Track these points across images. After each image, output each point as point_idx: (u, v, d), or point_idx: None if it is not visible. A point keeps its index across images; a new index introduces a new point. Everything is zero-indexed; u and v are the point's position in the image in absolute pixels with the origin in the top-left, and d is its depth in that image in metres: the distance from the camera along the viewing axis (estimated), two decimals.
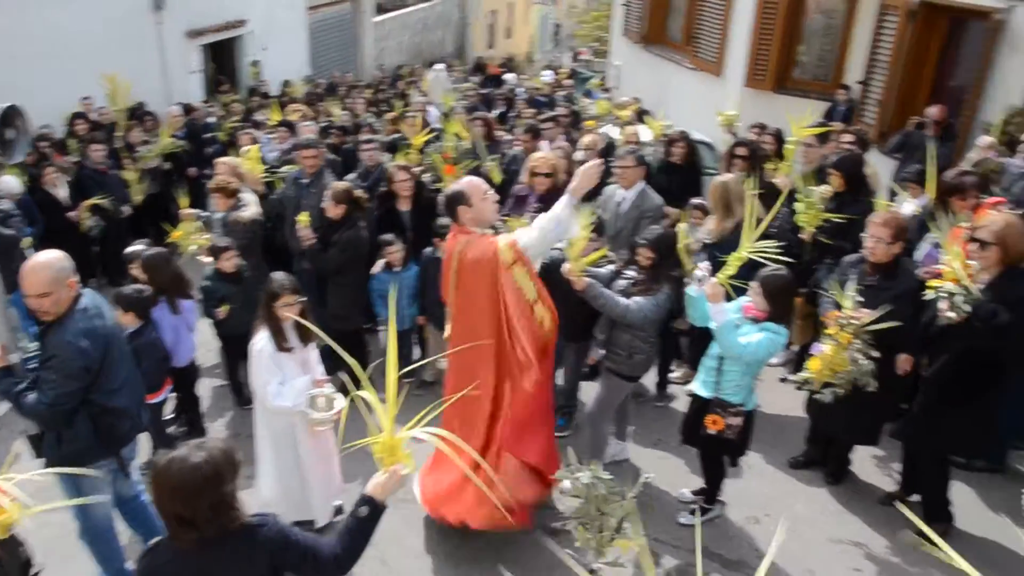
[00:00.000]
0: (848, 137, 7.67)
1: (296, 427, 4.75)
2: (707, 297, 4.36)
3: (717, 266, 4.88)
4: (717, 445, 4.69)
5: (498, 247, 4.49)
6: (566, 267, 4.76)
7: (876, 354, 4.40)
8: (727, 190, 5.94)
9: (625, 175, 6.51)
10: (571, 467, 2.66)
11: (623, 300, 4.86)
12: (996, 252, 4.31)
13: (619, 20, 17.08)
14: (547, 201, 6.33)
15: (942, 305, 4.28)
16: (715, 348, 4.58)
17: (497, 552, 4.75)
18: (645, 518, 3.73)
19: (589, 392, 6.44)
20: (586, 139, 8.74)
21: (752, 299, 4.49)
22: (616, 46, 17.64)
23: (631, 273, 5.12)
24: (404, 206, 6.94)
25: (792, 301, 4.53)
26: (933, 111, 8.71)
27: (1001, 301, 4.21)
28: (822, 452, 5.51)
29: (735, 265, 4.35)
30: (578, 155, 8.54)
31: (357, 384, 2.83)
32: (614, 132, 10.10)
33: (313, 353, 4.92)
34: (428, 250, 6.41)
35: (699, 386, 4.77)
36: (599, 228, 5.46)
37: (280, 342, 4.64)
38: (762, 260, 4.33)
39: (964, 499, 5.18)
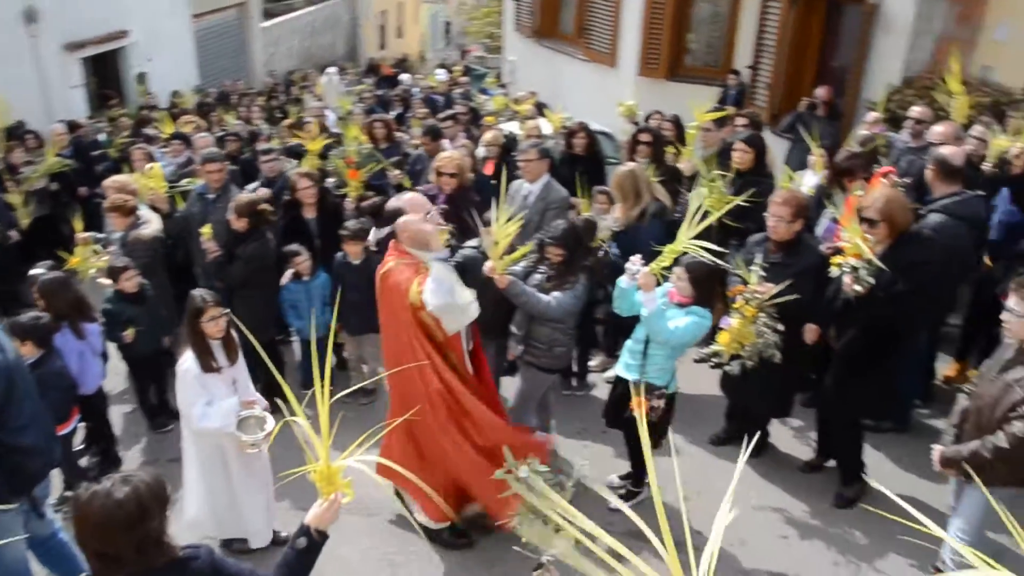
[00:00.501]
0: (742, 120, 7.92)
1: (225, 448, 4.56)
2: (639, 286, 4.42)
3: (626, 253, 5.06)
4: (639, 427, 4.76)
5: (411, 290, 4.35)
6: (488, 265, 4.73)
7: (781, 327, 4.55)
8: (635, 178, 6.04)
9: (529, 169, 6.56)
10: (507, 464, 2.67)
11: (544, 297, 4.88)
12: (884, 227, 4.55)
13: (511, 15, 17.16)
14: (455, 201, 6.34)
15: (847, 280, 4.47)
16: (640, 332, 4.66)
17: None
18: (577, 507, 3.84)
19: (510, 387, 6.49)
20: (487, 136, 8.76)
21: (676, 285, 4.59)
22: (509, 41, 17.72)
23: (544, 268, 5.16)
24: (309, 213, 6.82)
25: (716, 286, 4.64)
26: (820, 92, 9.08)
27: (894, 268, 4.44)
28: (740, 427, 5.68)
29: (670, 257, 4.41)
30: (480, 152, 8.56)
31: (283, 398, 2.74)
32: (514, 127, 10.15)
33: (242, 372, 4.71)
34: (339, 255, 6.32)
35: (623, 369, 4.84)
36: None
37: (206, 362, 4.44)
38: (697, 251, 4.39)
39: (875, 459, 5.41)
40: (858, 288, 4.43)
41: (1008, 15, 8.66)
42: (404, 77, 20.95)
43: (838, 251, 4.66)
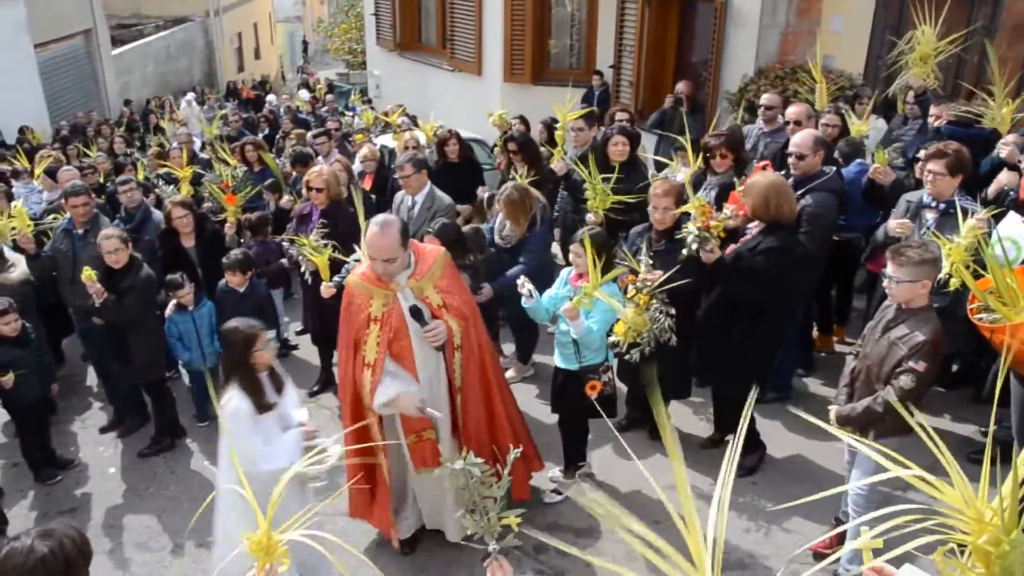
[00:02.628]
0: (623, 115, 8.18)
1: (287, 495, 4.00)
2: (567, 318, 4.54)
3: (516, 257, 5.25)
4: (594, 407, 4.83)
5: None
6: None
7: (673, 311, 4.74)
8: (523, 198, 6.14)
9: (409, 182, 6.59)
10: (444, 459, 2.68)
11: None
12: (759, 210, 4.79)
13: (371, 30, 17.12)
14: (329, 216, 6.32)
15: (691, 242, 4.69)
16: (564, 326, 4.77)
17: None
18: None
19: None
20: (363, 151, 8.74)
21: (575, 263, 4.76)
22: (372, 56, 17.67)
23: None
24: (188, 242, 6.64)
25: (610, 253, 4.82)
26: (681, 87, 9.48)
27: (753, 248, 4.75)
28: (644, 412, 5.84)
29: (589, 297, 4.50)
30: (357, 167, 8.52)
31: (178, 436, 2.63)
32: (389, 141, 10.14)
33: (288, 396, 4.21)
34: (222, 283, 6.18)
35: (561, 361, 4.96)
36: None
37: (261, 402, 3.95)
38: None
39: (769, 428, 5.65)
40: (693, 248, 4.66)
41: (840, 9, 9.45)
42: (270, 98, 20.56)
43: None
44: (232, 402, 3.89)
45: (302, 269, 6.23)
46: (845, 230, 6.16)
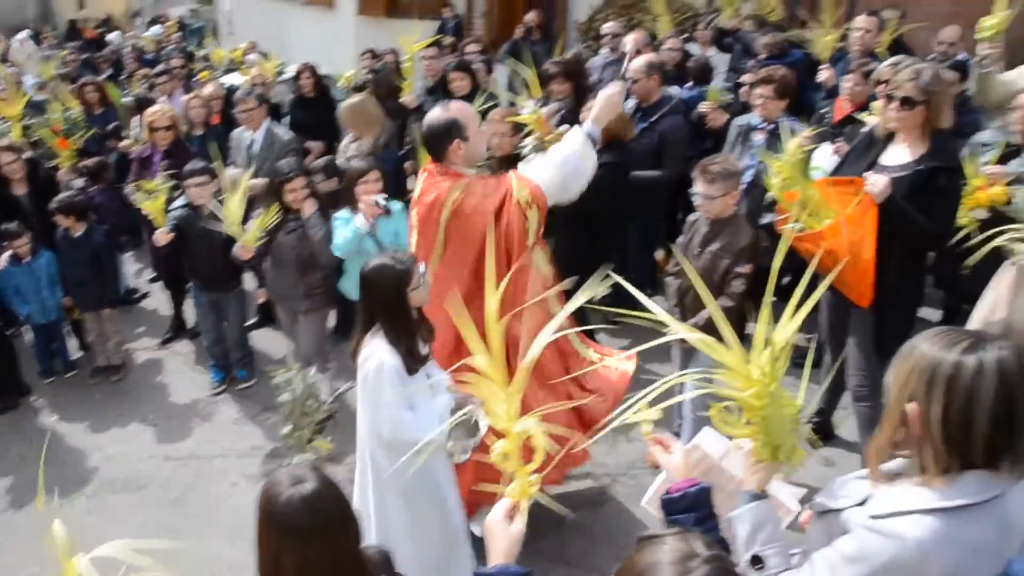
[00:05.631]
0: (474, 47, 8.19)
1: (438, 475, 3.38)
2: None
3: None
4: None
5: (512, 188, 3.69)
6: (238, 248, 4.88)
7: None
8: (363, 107, 6.19)
9: (251, 117, 6.52)
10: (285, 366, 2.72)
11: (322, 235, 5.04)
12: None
13: None
14: (173, 155, 6.17)
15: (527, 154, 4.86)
16: None
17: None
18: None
19: (266, 339, 6.48)
20: (207, 89, 8.45)
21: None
22: None
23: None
24: (19, 190, 6.33)
25: None
26: (531, 17, 9.53)
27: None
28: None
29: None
30: (194, 110, 8.21)
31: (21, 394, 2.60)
32: (237, 79, 9.83)
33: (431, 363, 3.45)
34: (60, 231, 5.95)
35: None
36: None
37: (414, 354, 3.21)
38: None
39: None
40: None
41: None
42: (112, 36, 19.38)
43: None
44: (376, 357, 3.13)
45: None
46: None
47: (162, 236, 5.41)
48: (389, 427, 3.12)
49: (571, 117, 5.38)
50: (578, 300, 2.07)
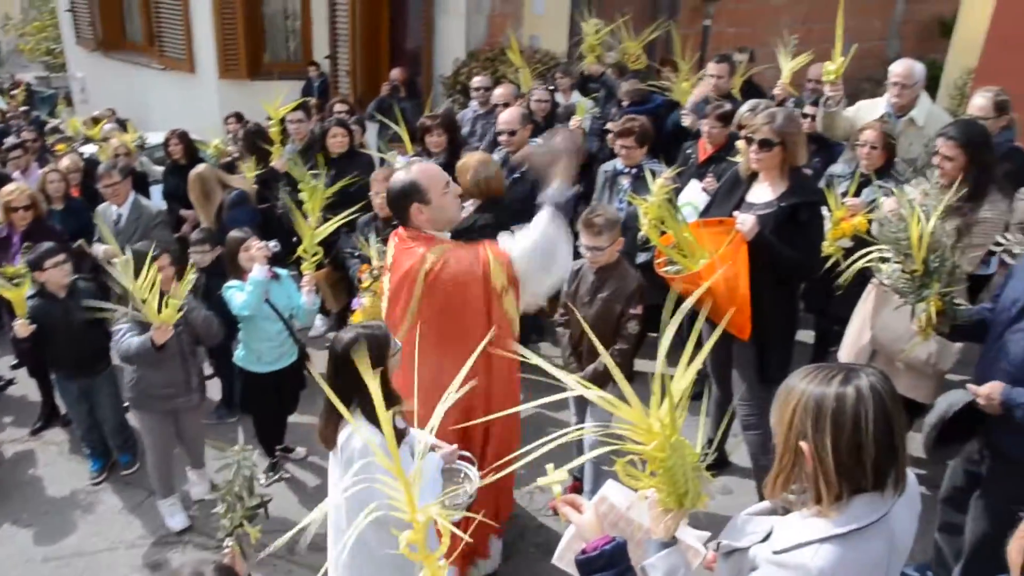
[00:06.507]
0: (342, 106, 8.16)
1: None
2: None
3: None
4: None
5: (490, 266, 3.55)
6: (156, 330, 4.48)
7: None
8: (202, 181, 6.24)
9: (116, 191, 6.28)
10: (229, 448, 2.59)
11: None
12: (466, 189, 5.04)
13: (69, 28, 15.71)
14: (33, 237, 5.83)
15: None
16: None
17: None
18: None
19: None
20: (64, 162, 8.07)
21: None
22: (73, 57, 16.25)
23: None
24: None
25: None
26: (396, 73, 9.61)
27: (471, 227, 4.89)
28: None
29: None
30: (52, 184, 7.83)
31: None
32: (94, 149, 9.44)
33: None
34: None
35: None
36: None
37: (396, 424, 3.04)
38: None
39: None
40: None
41: None
42: None
43: None
44: (360, 436, 2.87)
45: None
46: None
47: (23, 328, 4.96)
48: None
49: (447, 169, 5.43)
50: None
